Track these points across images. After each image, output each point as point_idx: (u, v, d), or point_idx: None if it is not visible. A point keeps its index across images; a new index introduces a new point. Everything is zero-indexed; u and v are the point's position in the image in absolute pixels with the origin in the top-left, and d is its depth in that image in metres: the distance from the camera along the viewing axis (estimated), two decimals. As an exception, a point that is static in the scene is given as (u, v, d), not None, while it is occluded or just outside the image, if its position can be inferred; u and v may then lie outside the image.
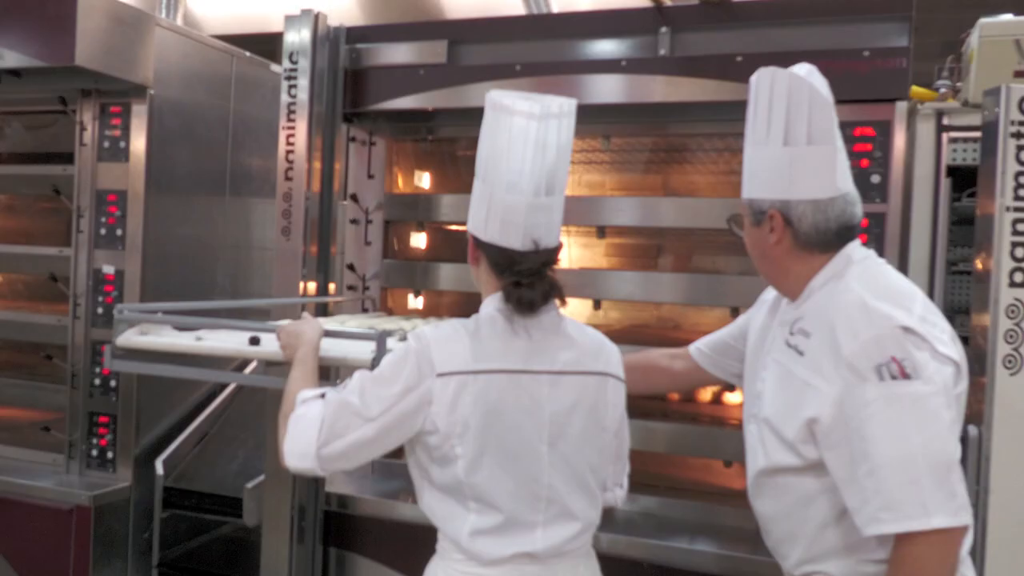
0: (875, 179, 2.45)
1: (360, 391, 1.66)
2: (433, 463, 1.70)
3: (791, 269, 1.70)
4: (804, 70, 1.67)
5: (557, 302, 1.74)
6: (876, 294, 1.54)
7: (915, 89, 2.66)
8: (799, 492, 1.62)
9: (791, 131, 1.64)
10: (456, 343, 1.67)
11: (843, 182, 1.67)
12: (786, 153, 1.64)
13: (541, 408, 1.69)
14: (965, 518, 1.42)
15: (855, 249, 1.69)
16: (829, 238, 1.66)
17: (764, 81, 1.69)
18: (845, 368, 1.48)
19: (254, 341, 2.12)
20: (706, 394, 3.52)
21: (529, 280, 1.67)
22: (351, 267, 3.21)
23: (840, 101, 2.46)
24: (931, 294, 2.84)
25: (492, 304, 1.73)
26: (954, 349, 1.54)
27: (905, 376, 1.43)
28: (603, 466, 1.82)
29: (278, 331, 1.97)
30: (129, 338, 2.26)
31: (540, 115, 1.68)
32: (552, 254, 1.73)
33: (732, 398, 3.47)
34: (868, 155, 2.45)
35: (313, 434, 1.65)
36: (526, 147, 1.66)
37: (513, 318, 1.69)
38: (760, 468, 1.72)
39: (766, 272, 1.78)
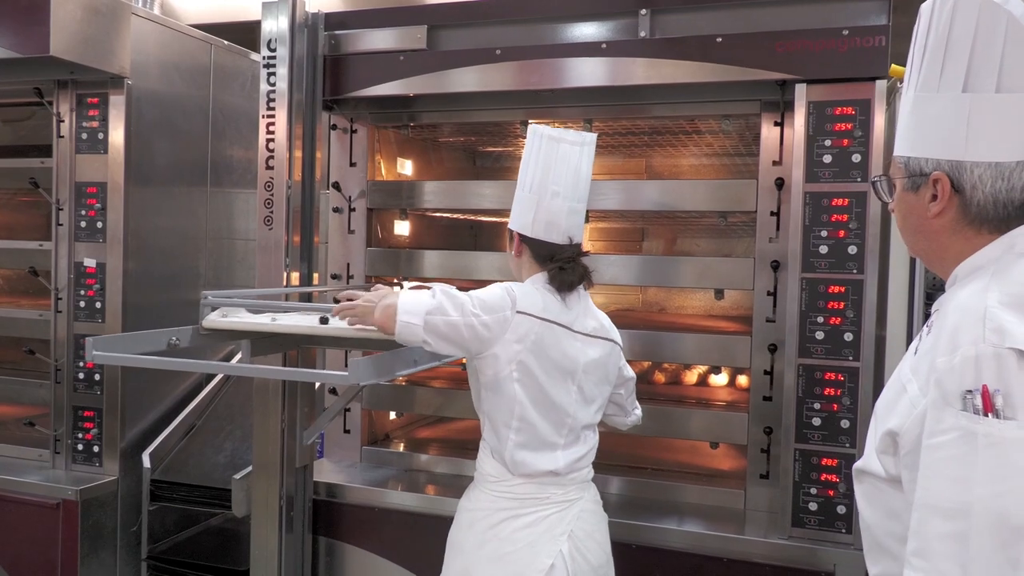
0: (856, 158, 2.46)
1: (467, 295, 2.12)
2: (490, 394, 2.16)
3: (949, 248, 1.37)
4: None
5: (584, 284, 2.24)
6: (1009, 299, 1.22)
7: (895, 68, 2.66)
8: (885, 503, 1.41)
9: (975, 73, 1.30)
10: (533, 295, 2.15)
11: None
12: (965, 101, 1.31)
13: (577, 359, 2.18)
14: None
15: None
16: (1008, 212, 1.31)
17: (944, 8, 1.33)
18: (934, 384, 1.23)
19: (323, 320, 2.39)
20: (692, 376, 3.54)
21: (569, 266, 2.18)
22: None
23: (819, 80, 2.50)
24: (913, 273, 2.86)
25: (538, 282, 2.20)
26: None
27: (991, 412, 1.16)
28: (604, 408, 2.32)
29: (349, 308, 2.22)
30: (214, 320, 2.47)
31: (580, 143, 2.22)
32: (580, 247, 2.24)
33: (717, 380, 3.49)
34: (848, 134, 2.46)
35: (427, 302, 2.07)
36: (567, 167, 2.20)
37: (555, 293, 2.18)
38: (854, 466, 1.51)
39: (917, 249, 1.46)
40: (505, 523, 2.16)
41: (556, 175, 2.19)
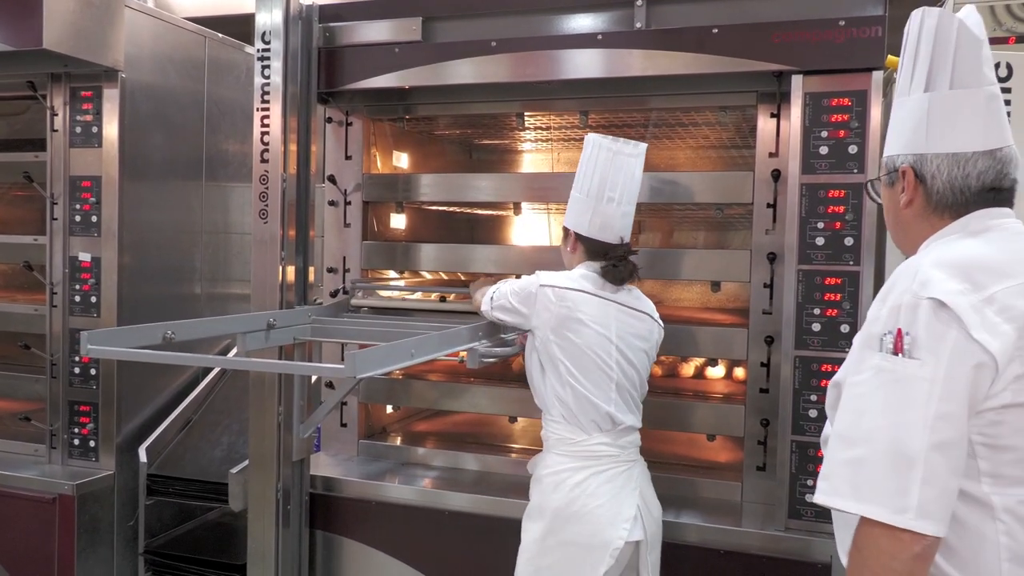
0: (852, 149, 2.45)
1: (509, 285, 2.51)
2: (544, 359, 2.42)
3: (919, 235, 1.50)
4: (964, 11, 1.49)
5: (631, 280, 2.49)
6: (942, 261, 1.35)
7: (891, 59, 2.65)
8: None
9: (934, 75, 1.46)
10: (559, 273, 2.45)
11: (994, 136, 1.45)
12: (925, 100, 1.47)
13: (610, 323, 2.40)
14: (912, 522, 1.25)
15: (991, 216, 1.45)
16: (967, 198, 1.45)
17: (914, 23, 1.51)
18: (863, 332, 1.38)
19: (442, 298, 3.01)
20: (688, 368, 3.54)
21: (621, 264, 2.43)
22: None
23: (815, 71, 2.50)
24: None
25: (586, 267, 2.47)
26: (1003, 340, 1.28)
27: (899, 351, 1.29)
28: (644, 382, 2.52)
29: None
30: (360, 299, 3.10)
31: (634, 154, 2.47)
32: (629, 245, 2.49)
33: (714, 372, 3.49)
34: (845, 125, 2.46)
35: (491, 294, 2.54)
36: (621, 176, 2.45)
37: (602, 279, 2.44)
38: (821, 436, 1.61)
39: (897, 240, 1.59)
40: (590, 479, 2.36)
41: (612, 183, 2.44)
